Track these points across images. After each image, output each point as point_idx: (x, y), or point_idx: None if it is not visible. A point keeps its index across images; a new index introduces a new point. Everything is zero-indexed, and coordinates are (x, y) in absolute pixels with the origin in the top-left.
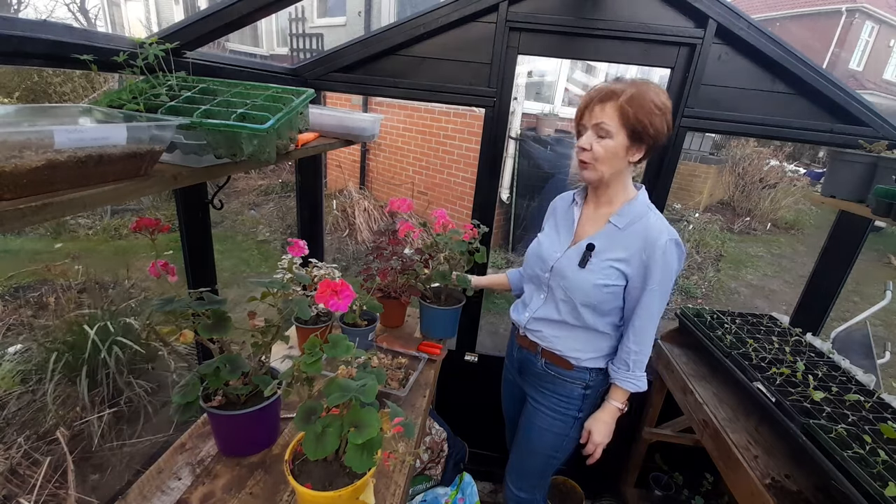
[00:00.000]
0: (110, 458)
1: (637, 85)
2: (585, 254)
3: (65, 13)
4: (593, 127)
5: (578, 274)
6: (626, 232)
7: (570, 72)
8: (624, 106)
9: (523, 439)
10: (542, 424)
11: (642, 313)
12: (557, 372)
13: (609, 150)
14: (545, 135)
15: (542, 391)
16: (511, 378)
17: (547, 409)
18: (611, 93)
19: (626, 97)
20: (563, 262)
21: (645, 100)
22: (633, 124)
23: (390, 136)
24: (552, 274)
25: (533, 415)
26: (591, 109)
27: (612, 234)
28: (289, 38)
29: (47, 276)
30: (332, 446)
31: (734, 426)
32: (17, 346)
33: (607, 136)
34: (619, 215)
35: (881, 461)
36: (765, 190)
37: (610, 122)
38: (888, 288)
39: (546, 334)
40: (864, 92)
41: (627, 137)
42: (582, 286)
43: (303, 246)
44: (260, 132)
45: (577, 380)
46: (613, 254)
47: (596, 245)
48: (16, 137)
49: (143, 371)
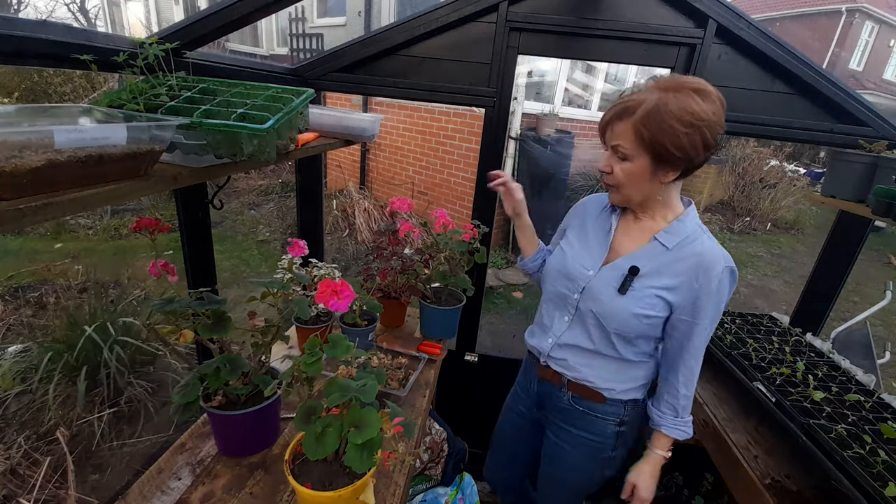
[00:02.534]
0: (110, 458)
1: (661, 93)
2: (627, 278)
3: (65, 13)
4: (611, 148)
5: (616, 301)
6: (676, 255)
7: (570, 72)
8: (638, 126)
9: (548, 478)
10: (568, 461)
11: (693, 352)
12: (587, 407)
13: (630, 175)
14: (545, 135)
15: (567, 429)
16: (522, 411)
17: (574, 448)
18: (625, 109)
19: (640, 115)
20: (596, 284)
21: (665, 116)
22: (652, 146)
23: (390, 136)
24: (582, 296)
25: (557, 451)
26: (610, 126)
27: (658, 254)
28: (289, 38)
29: (47, 276)
30: (332, 446)
31: (734, 426)
32: (17, 345)
33: (626, 159)
34: (667, 233)
35: (881, 461)
36: (765, 190)
37: (626, 143)
38: (888, 288)
39: (572, 363)
40: (864, 92)
41: (650, 160)
42: (619, 315)
43: (303, 246)
44: (260, 132)
45: (610, 415)
46: (659, 280)
47: (640, 268)
48: (16, 137)
49: (143, 371)
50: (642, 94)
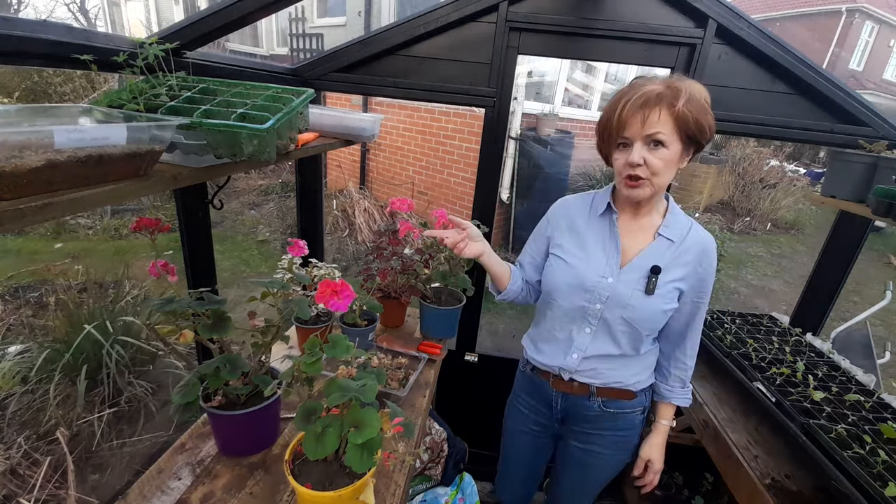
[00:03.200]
0: (110, 458)
1: (684, 82)
2: (651, 278)
3: (65, 13)
4: (644, 138)
5: (646, 302)
6: (682, 247)
7: (570, 72)
8: (683, 110)
9: (578, 484)
10: (599, 464)
11: (697, 328)
12: (618, 407)
13: (668, 162)
14: (545, 135)
15: (598, 433)
16: (537, 430)
17: (605, 450)
18: (658, 96)
19: (685, 101)
20: (620, 290)
21: (700, 99)
22: (691, 129)
23: (390, 136)
24: (607, 305)
25: (584, 457)
26: (637, 118)
27: (666, 249)
28: (289, 38)
29: (47, 276)
30: (332, 446)
31: (734, 426)
32: (17, 346)
33: (663, 146)
34: (667, 227)
35: (881, 461)
36: (765, 190)
37: (666, 129)
38: (888, 288)
39: (601, 370)
40: (864, 92)
41: (682, 143)
42: (651, 315)
43: (303, 246)
44: (260, 132)
45: (637, 407)
46: (673, 273)
47: (661, 266)
48: (16, 137)
49: (143, 371)
50: (661, 85)
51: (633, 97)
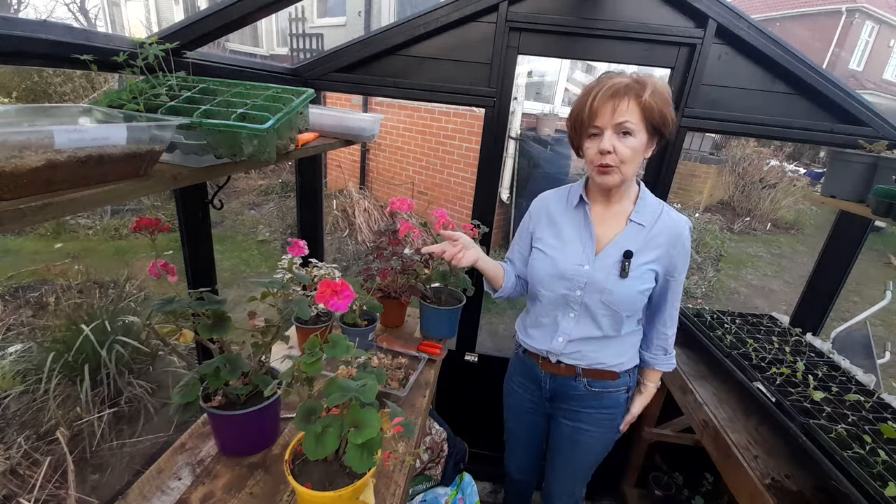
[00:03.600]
0: (110, 458)
1: (649, 78)
2: (624, 263)
3: (65, 13)
4: (614, 127)
5: (621, 285)
6: (653, 231)
7: (570, 72)
8: (649, 101)
9: (568, 458)
10: (586, 441)
11: (673, 301)
12: (603, 387)
13: (635, 150)
14: (545, 135)
15: (584, 411)
16: (532, 407)
17: (592, 427)
18: (627, 87)
19: (650, 93)
20: (597, 276)
21: (664, 93)
22: (655, 119)
23: (390, 136)
24: (586, 290)
25: (574, 434)
26: (607, 108)
27: (639, 234)
28: (289, 38)
29: (47, 276)
30: (332, 446)
31: (734, 426)
32: (17, 345)
33: (631, 135)
34: (639, 213)
35: (881, 461)
36: (765, 190)
37: (633, 118)
38: (888, 288)
39: (585, 352)
40: (864, 92)
41: (647, 133)
42: (627, 297)
43: (303, 246)
44: (260, 132)
45: (621, 387)
46: (646, 256)
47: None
48: (16, 137)
49: (143, 371)
50: (627, 78)
51: (604, 88)
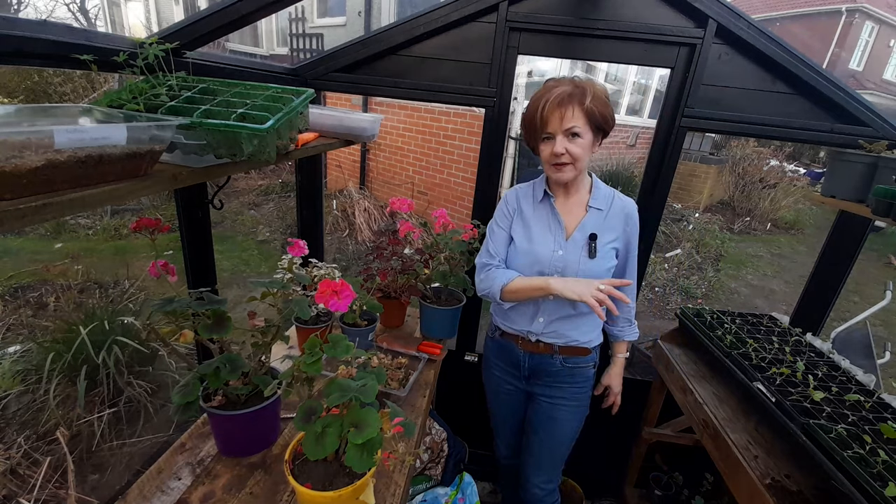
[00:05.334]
0: (110, 458)
1: (587, 82)
2: (591, 245)
3: (65, 13)
4: (564, 132)
5: (591, 264)
6: (609, 214)
7: (570, 72)
8: (591, 107)
9: (545, 437)
10: (563, 417)
11: (632, 275)
12: (575, 363)
13: (584, 149)
14: None
15: (558, 387)
16: (511, 388)
17: (566, 401)
18: (570, 96)
19: (591, 98)
20: (569, 259)
21: (601, 96)
22: (598, 120)
23: (390, 136)
24: (563, 273)
25: (551, 411)
26: (555, 116)
27: (598, 218)
28: (289, 38)
29: (47, 276)
30: (332, 446)
31: (734, 426)
32: (17, 346)
33: (579, 136)
34: (595, 199)
35: (881, 461)
36: (765, 190)
37: (580, 123)
38: (888, 288)
39: (562, 331)
40: (864, 92)
41: (592, 133)
42: (598, 275)
43: (303, 246)
44: (260, 132)
45: (590, 362)
46: (607, 237)
47: (596, 233)
48: (16, 137)
49: (143, 371)
50: (570, 86)
51: (551, 98)
